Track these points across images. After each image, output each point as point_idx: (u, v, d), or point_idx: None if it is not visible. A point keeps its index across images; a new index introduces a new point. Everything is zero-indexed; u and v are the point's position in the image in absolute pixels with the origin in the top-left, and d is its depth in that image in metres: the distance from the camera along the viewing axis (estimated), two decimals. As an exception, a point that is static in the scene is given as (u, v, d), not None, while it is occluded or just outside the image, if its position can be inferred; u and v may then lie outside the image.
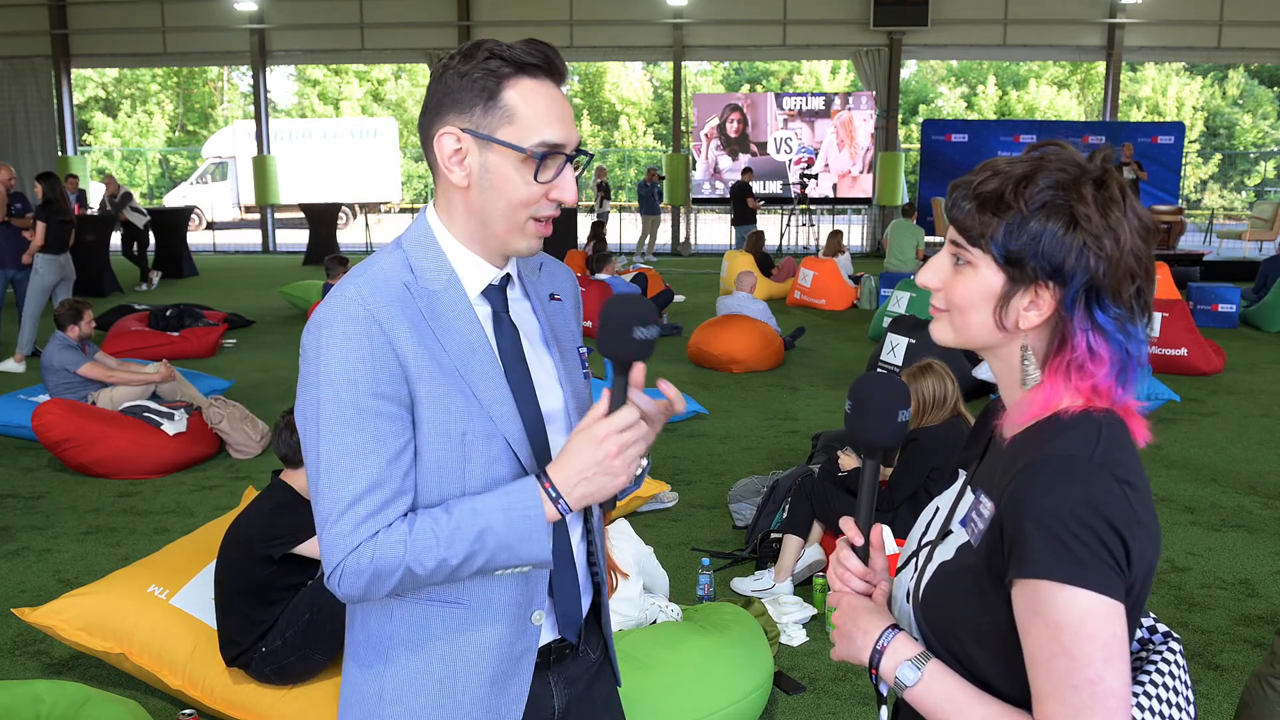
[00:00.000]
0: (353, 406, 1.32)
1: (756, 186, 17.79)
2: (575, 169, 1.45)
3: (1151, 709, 1.19)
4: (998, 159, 1.22)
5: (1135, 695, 1.19)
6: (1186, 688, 1.24)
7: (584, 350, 1.60)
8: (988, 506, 1.20)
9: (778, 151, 19.58)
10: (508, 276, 1.49)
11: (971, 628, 1.20)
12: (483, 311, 1.46)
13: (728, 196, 18.04)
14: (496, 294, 1.47)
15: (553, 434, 1.48)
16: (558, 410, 1.51)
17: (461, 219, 1.44)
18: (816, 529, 4.40)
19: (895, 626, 1.27)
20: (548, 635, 1.52)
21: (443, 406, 1.37)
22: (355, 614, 1.50)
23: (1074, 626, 1.09)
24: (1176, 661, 1.24)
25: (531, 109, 1.38)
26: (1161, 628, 1.29)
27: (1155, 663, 1.23)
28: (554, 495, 1.36)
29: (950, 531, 1.28)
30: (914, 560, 1.34)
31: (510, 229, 1.42)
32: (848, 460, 4.42)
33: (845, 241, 14.13)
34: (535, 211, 1.41)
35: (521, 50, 1.39)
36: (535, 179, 1.39)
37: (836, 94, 20.15)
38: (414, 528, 1.33)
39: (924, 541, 1.34)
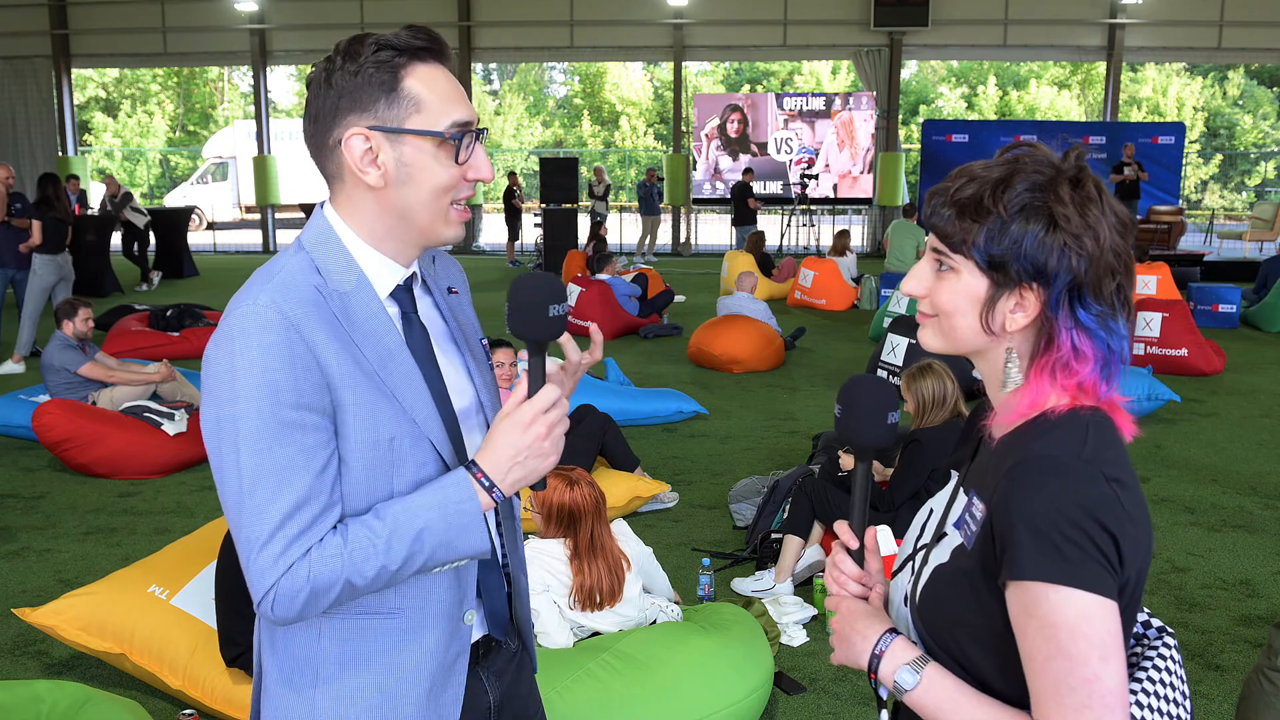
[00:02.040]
0: (275, 420, 1.25)
1: (757, 187, 17.78)
2: None
3: (1150, 705, 1.20)
4: (973, 164, 1.23)
5: (1134, 692, 1.20)
6: (1182, 682, 1.24)
7: (485, 341, 1.59)
8: (979, 508, 1.20)
9: (778, 152, 19.57)
10: (413, 275, 1.46)
11: (969, 629, 1.20)
12: (391, 312, 1.41)
13: (728, 197, 18.04)
14: (404, 294, 1.43)
15: (466, 431, 1.46)
16: (469, 407, 1.49)
17: (373, 220, 1.38)
18: (817, 529, 4.40)
19: (893, 630, 1.27)
20: (476, 634, 1.52)
21: (370, 413, 1.33)
22: (275, 636, 1.42)
23: (1068, 626, 1.09)
24: (1172, 657, 1.25)
25: (434, 93, 1.35)
26: (1156, 623, 1.29)
27: (1151, 659, 1.24)
28: (487, 484, 1.34)
29: (945, 534, 1.28)
30: (910, 564, 1.34)
31: (434, 218, 1.38)
32: (849, 460, 4.42)
33: (851, 242, 14.12)
34: (455, 195, 1.39)
35: (408, 36, 1.36)
36: (456, 160, 1.36)
37: (837, 94, 20.14)
38: (348, 538, 1.28)
39: (919, 545, 1.35)
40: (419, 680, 1.41)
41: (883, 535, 3.81)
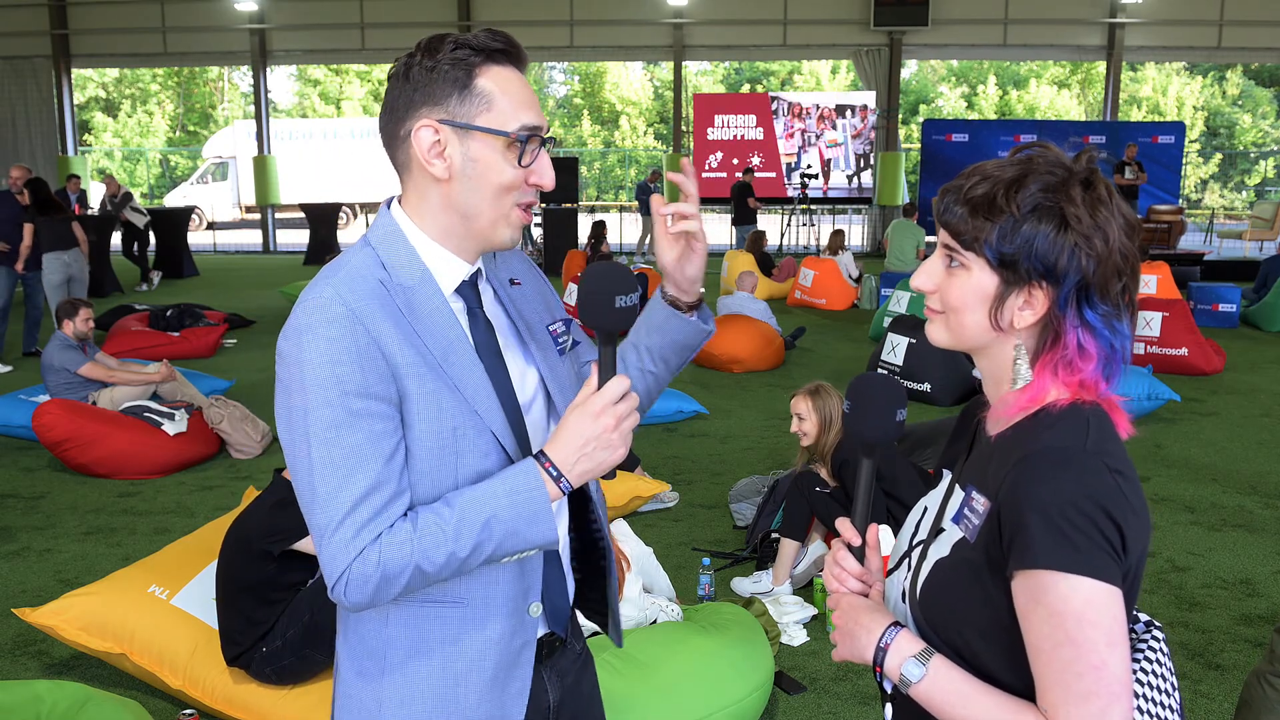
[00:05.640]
0: (344, 410, 1.30)
1: (757, 187, 17.77)
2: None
3: (1146, 695, 1.22)
4: (985, 163, 1.25)
5: None
6: (1171, 674, 1.27)
7: (556, 327, 1.59)
8: (981, 501, 1.22)
9: (779, 152, 19.56)
10: (478, 271, 1.48)
11: (973, 622, 1.22)
12: (456, 307, 1.44)
13: (728, 196, 18.04)
14: (469, 290, 1.46)
15: (531, 424, 1.48)
16: (530, 401, 1.50)
17: (437, 214, 1.41)
18: (815, 530, 4.39)
19: (898, 624, 1.28)
20: (542, 629, 1.52)
21: (434, 402, 1.36)
22: (348, 621, 1.48)
23: (1076, 614, 1.11)
24: (1161, 649, 1.27)
25: (506, 94, 1.38)
26: (1143, 617, 1.31)
27: (1142, 651, 1.26)
28: (555, 474, 1.36)
29: (943, 529, 1.30)
30: (906, 561, 1.36)
31: (496, 218, 1.40)
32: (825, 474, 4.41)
33: (847, 241, 14.13)
34: (518, 198, 1.41)
35: (486, 38, 1.38)
36: (520, 163, 1.38)
37: (837, 94, 20.11)
38: (418, 525, 1.31)
39: (916, 541, 1.36)
40: (482, 671, 1.43)
41: (883, 534, 3.83)
